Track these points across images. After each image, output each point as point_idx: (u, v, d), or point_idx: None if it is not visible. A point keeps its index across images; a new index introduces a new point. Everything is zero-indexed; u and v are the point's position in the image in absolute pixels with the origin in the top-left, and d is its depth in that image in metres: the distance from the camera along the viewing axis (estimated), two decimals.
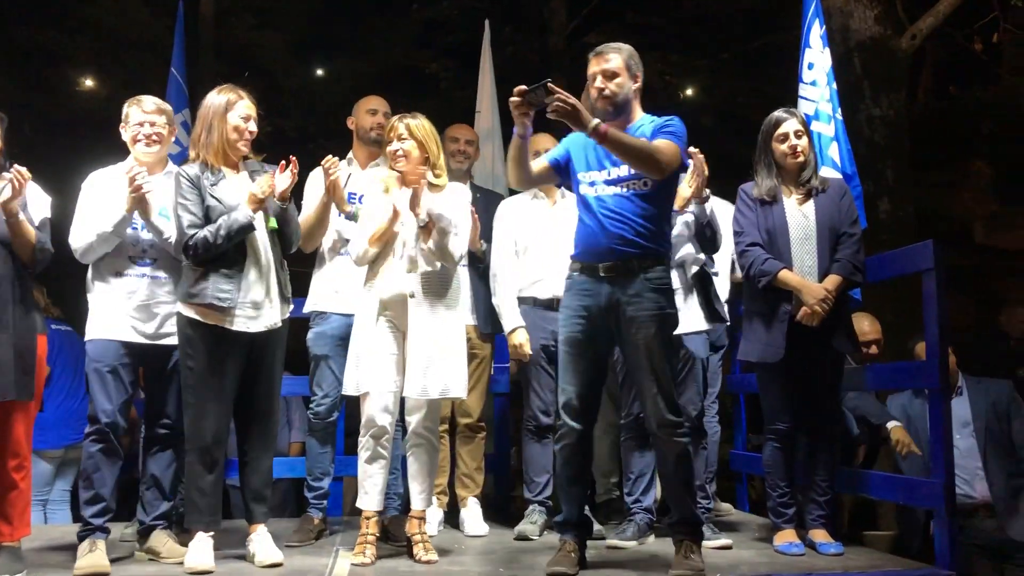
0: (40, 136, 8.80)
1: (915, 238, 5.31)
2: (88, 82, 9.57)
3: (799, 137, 3.61)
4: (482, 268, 4.11)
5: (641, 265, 3.16)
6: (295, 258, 3.70)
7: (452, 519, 4.18)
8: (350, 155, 4.13)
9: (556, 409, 3.31)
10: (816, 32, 4.57)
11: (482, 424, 4.21)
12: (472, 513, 4.06)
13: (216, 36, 9.58)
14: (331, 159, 3.62)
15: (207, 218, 3.29)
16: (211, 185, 3.33)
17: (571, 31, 9.89)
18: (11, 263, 3.24)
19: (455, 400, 3.84)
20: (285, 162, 3.38)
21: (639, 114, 3.29)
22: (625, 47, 3.26)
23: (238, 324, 3.30)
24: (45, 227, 3.35)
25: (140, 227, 3.44)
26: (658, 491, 4.08)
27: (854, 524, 4.72)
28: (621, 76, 3.22)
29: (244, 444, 3.46)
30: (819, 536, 3.55)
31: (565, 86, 3.09)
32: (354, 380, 3.42)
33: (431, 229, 3.34)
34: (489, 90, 5.78)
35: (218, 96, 3.39)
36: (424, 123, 3.49)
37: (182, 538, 3.44)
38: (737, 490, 4.79)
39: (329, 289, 3.92)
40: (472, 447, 4.18)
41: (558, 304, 3.44)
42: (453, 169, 4.26)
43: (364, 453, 3.39)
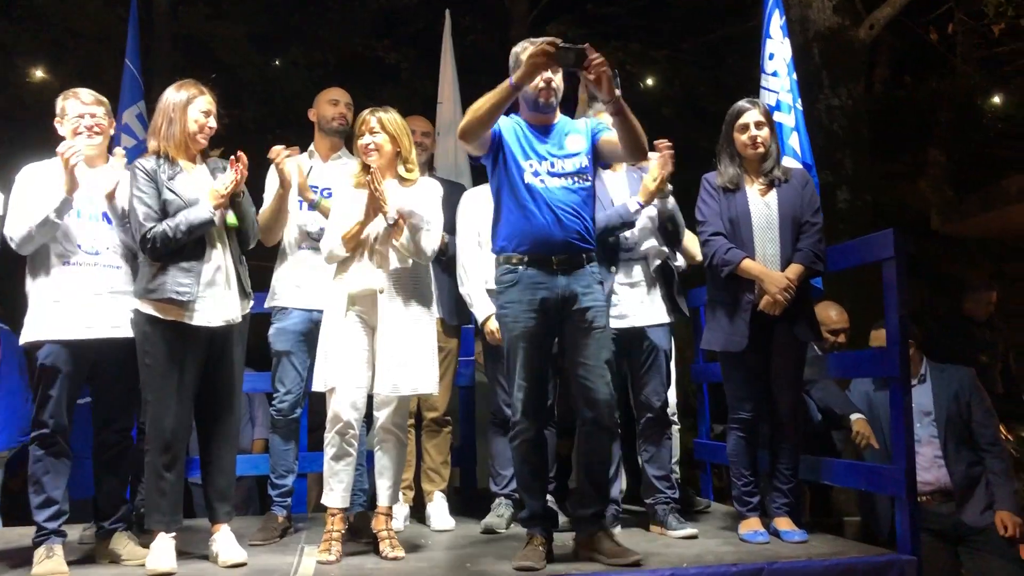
0: None
1: (873, 227, 5.38)
2: (39, 73, 9.35)
3: (760, 128, 3.63)
4: (445, 260, 4.08)
5: (588, 259, 3.24)
6: (255, 252, 3.65)
7: (418, 514, 4.16)
8: (312, 147, 4.08)
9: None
10: (776, 22, 4.59)
11: (448, 418, 4.20)
12: (438, 507, 4.05)
13: (171, 27, 9.42)
14: (276, 149, 3.57)
15: (164, 211, 3.24)
16: (168, 179, 3.28)
17: (532, 20, 9.86)
18: None
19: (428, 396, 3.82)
20: (234, 158, 3.33)
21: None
22: None
23: (197, 319, 3.24)
24: None
25: (90, 216, 3.36)
26: (623, 482, 4.11)
27: (818, 510, 4.78)
28: (559, 75, 3.28)
29: (206, 442, 3.41)
30: (783, 524, 3.58)
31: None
32: (323, 376, 3.38)
33: (401, 227, 3.31)
34: (451, 81, 5.74)
35: (178, 91, 3.37)
36: (396, 117, 3.46)
37: (143, 539, 3.38)
38: (701, 479, 4.82)
39: (291, 284, 3.88)
40: (438, 441, 4.17)
41: None
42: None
43: (330, 450, 3.35)
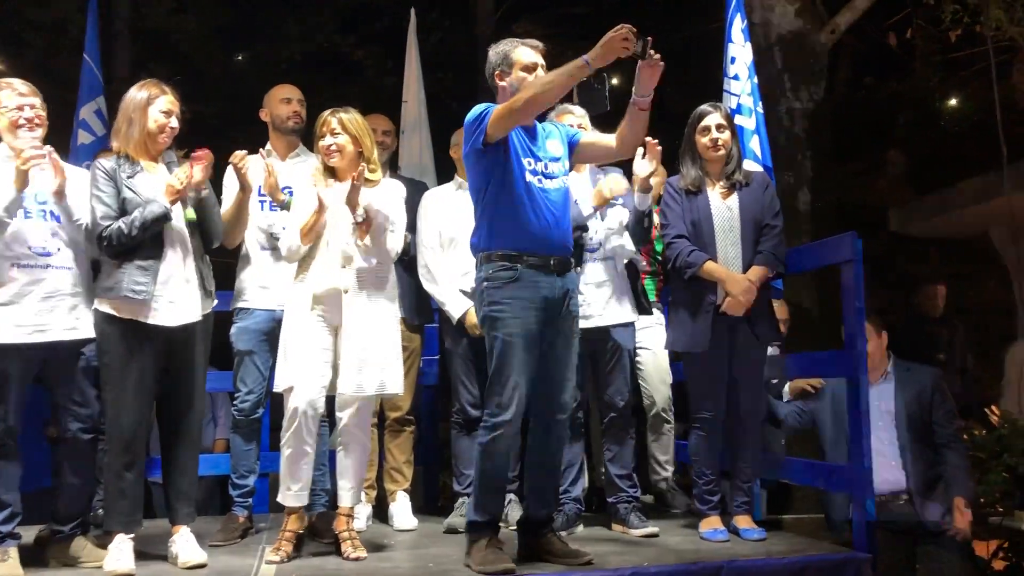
0: None
1: (834, 227, 5.45)
2: None
3: (721, 131, 3.67)
4: (407, 260, 4.07)
5: (574, 262, 3.28)
6: (221, 250, 3.62)
7: (381, 514, 4.15)
8: (268, 147, 4.04)
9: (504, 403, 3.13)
10: (738, 26, 4.64)
11: (411, 417, 4.19)
12: (401, 507, 4.04)
13: (132, 20, 9.28)
14: (239, 154, 3.54)
15: (123, 210, 3.21)
16: (128, 177, 3.25)
17: (498, 19, 9.85)
18: None
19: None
20: (195, 155, 3.30)
21: None
22: None
23: (155, 318, 3.21)
24: None
25: (39, 215, 3.30)
26: (585, 480, 4.14)
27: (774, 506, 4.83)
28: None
29: (167, 441, 3.38)
30: (743, 522, 3.63)
31: None
32: (284, 377, 3.35)
33: (367, 226, 3.29)
34: (415, 79, 5.71)
35: (140, 90, 3.34)
36: (357, 117, 3.44)
37: (102, 540, 3.33)
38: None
39: (256, 286, 3.85)
40: (401, 441, 4.16)
41: None
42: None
43: (287, 449, 3.33)
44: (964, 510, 3.86)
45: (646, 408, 4.37)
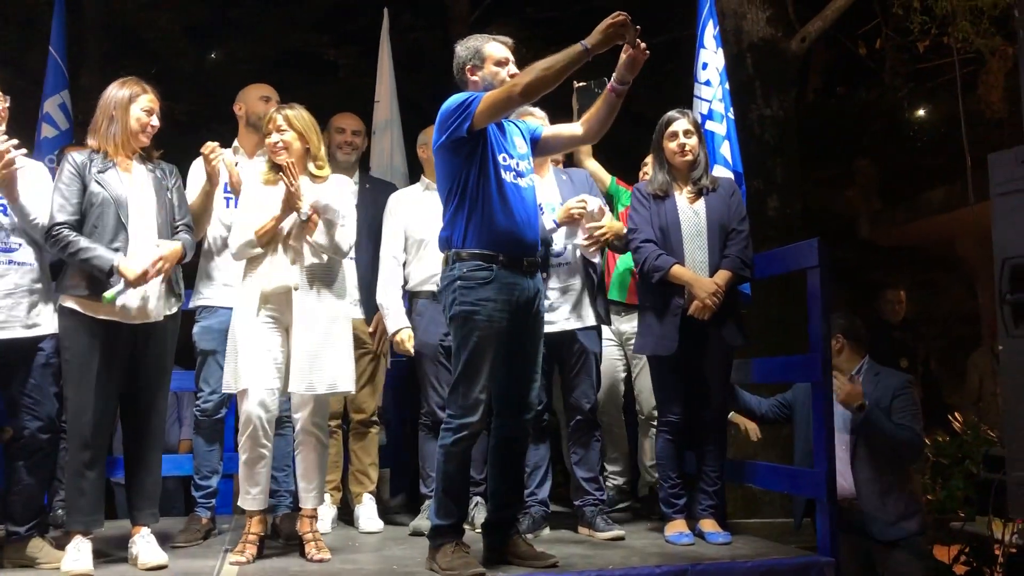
0: None
1: (803, 234, 5.50)
2: None
3: (688, 136, 3.70)
4: (375, 262, 4.05)
5: (542, 264, 3.25)
6: None
7: (346, 516, 4.12)
8: (235, 143, 4.01)
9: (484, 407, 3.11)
10: (710, 32, 4.66)
11: (375, 419, 4.16)
12: (367, 510, 4.02)
13: (103, 15, 9.18)
14: (211, 145, 3.52)
15: (87, 203, 3.17)
16: (99, 171, 3.21)
17: (473, 21, 9.85)
18: None
19: (347, 395, 3.79)
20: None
21: None
22: None
23: (119, 315, 3.17)
24: None
25: (3, 209, 3.25)
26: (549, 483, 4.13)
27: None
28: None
29: (130, 441, 3.35)
30: (708, 526, 3.64)
31: None
32: (233, 377, 3.31)
33: (315, 222, 3.26)
34: (388, 79, 5.69)
35: (121, 88, 3.31)
36: (303, 113, 3.40)
37: (60, 541, 3.29)
38: None
39: (218, 283, 3.81)
40: (366, 443, 4.13)
41: None
42: (340, 161, 4.18)
43: (243, 453, 3.30)
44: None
45: (637, 412, 4.35)
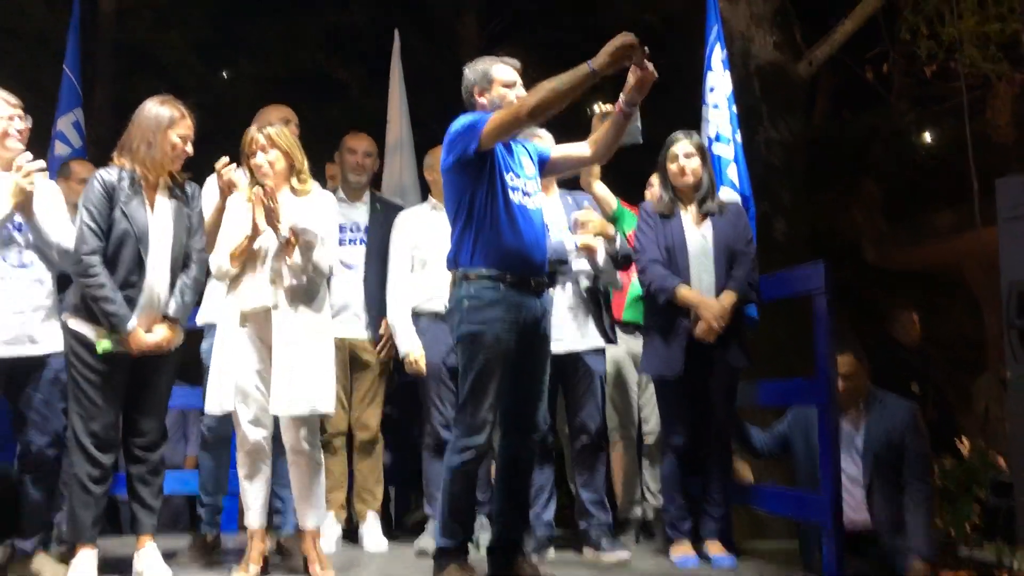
0: None
1: (809, 257, 5.50)
2: None
3: (689, 158, 3.71)
4: (380, 279, 4.07)
5: (549, 283, 3.25)
6: None
7: (352, 535, 4.12)
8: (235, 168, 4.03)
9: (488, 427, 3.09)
10: (718, 56, 4.69)
11: (379, 437, 4.15)
12: (371, 528, 4.01)
13: (115, 33, 9.27)
14: (224, 160, 3.54)
15: (109, 231, 3.17)
16: (125, 199, 3.20)
17: (482, 43, 9.92)
18: None
19: (356, 413, 3.81)
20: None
21: None
22: None
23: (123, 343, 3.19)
24: None
25: (18, 226, 3.28)
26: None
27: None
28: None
29: (131, 453, 3.35)
30: (714, 549, 3.63)
31: None
32: (217, 399, 3.28)
33: (293, 244, 3.23)
34: (399, 100, 5.73)
35: (161, 107, 3.28)
36: (285, 131, 3.39)
37: (64, 556, 3.30)
38: None
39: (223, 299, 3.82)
40: (371, 461, 4.13)
41: None
42: (351, 182, 4.22)
43: (242, 470, 3.31)
44: (919, 569, 3.66)
45: (645, 435, 4.30)
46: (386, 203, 4.44)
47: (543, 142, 3.64)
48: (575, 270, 3.83)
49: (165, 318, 3.28)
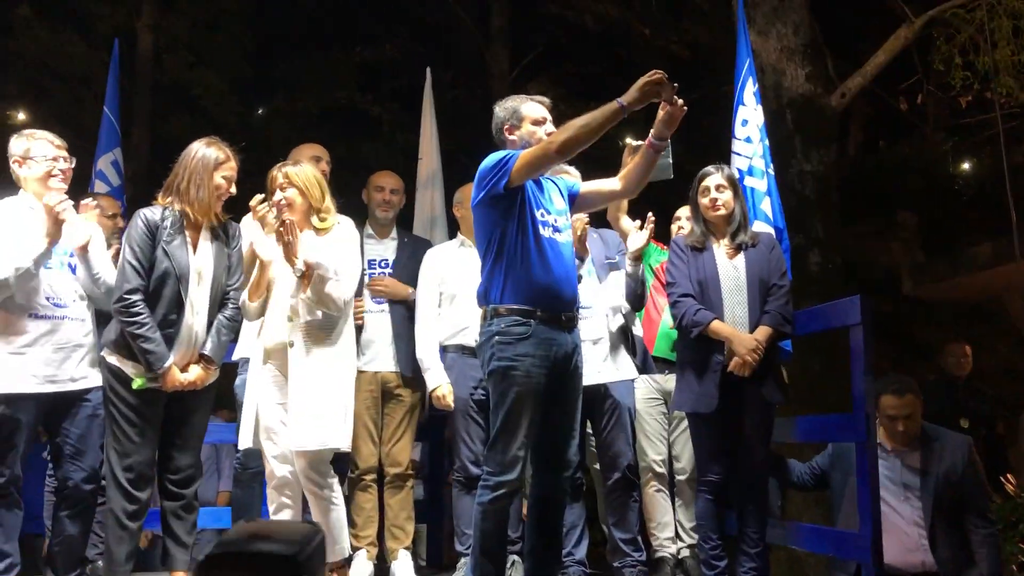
0: None
1: (844, 289, 5.43)
2: (20, 115, 9.36)
3: (720, 191, 3.69)
4: (409, 314, 4.07)
5: (579, 318, 3.23)
6: None
7: (383, 572, 4.08)
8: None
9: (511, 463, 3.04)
10: (750, 89, 4.68)
11: (411, 473, 4.14)
12: (403, 565, 3.97)
13: (154, 73, 9.48)
14: (259, 198, 3.58)
15: (151, 269, 3.21)
16: (168, 238, 3.25)
17: (513, 78, 10.01)
18: None
19: (387, 449, 3.80)
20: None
21: None
22: None
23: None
24: None
25: (59, 266, 3.34)
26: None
27: None
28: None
29: (165, 488, 3.36)
30: None
31: None
32: (248, 433, 3.35)
33: (308, 278, 3.29)
34: (430, 136, 5.78)
35: (207, 149, 3.33)
36: (303, 169, 3.45)
37: None
38: None
39: (256, 335, 3.84)
40: (401, 496, 4.09)
41: None
42: (378, 218, 4.25)
43: (271, 505, 3.36)
44: None
45: (676, 473, 4.18)
46: (413, 239, 4.47)
47: (572, 177, 3.65)
48: (604, 305, 3.81)
49: (201, 357, 3.31)
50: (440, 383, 3.92)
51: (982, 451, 5.48)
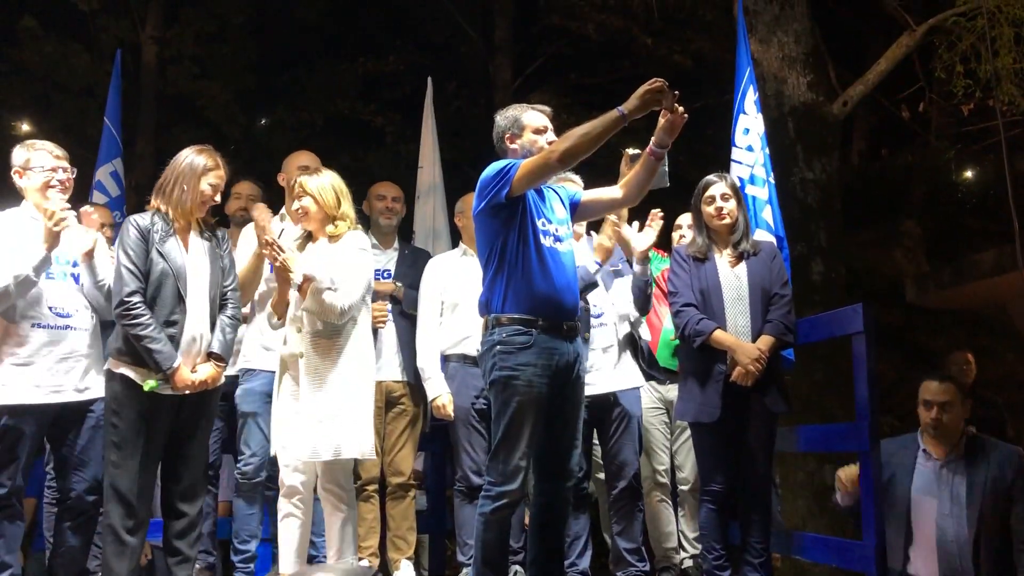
0: None
1: (846, 298, 5.42)
2: (24, 126, 9.40)
3: (725, 200, 3.69)
4: (413, 318, 4.08)
5: (581, 328, 3.23)
6: None
7: None
8: (283, 211, 4.10)
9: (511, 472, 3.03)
10: (750, 98, 4.67)
11: (413, 483, 4.13)
12: None
13: (157, 84, 9.52)
14: (259, 206, 3.60)
15: (148, 272, 3.22)
16: (160, 240, 3.26)
17: (516, 89, 10.02)
18: None
19: (361, 459, 3.82)
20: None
21: None
22: None
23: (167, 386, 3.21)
24: None
25: (61, 276, 3.34)
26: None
27: None
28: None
29: (169, 504, 3.35)
30: None
31: None
32: (275, 441, 3.46)
33: (305, 289, 3.34)
34: (431, 146, 5.79)
35: (197, 156, 3.36)
36: (316, 178, 3.51)
37: None
38: None
39: (258, 346, 3.86)
40: (403, 507, 4.08)
41: None
42: (382, 226, 4.27)
43: (280, 513, 3.41)
44: None
45: (679, 483, 4.19)
46: (414, 250, 4.49)
47: (574, 186, 3.65)
48: (613, 314, 3.80)
49: (210, 355, 3.32)
50: (441, 393, 3.92)
51: None
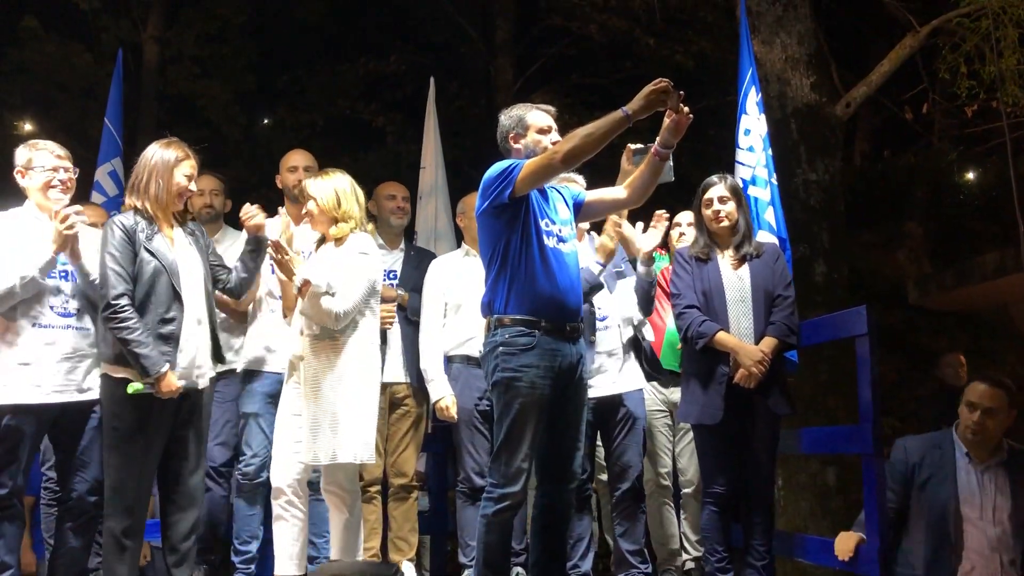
0: None
1: (849, 299, 5.41)
2: (26, 126, 9.41)
3: (724, 203, 3.67)
4: (417, 323, 4.07)
5: (587, 331, 3.22)
6: None
7: None
8: (283, 210, 4.08)
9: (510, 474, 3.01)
10: (752, 99, 4.66)
11: (415, 484, 4.12)
12: None
13: (158, 84, 9.53)
14: (249, 207, 3.57)
15: (137, 271, 3.19)
16: (147, 239, 3.24)
17: (517, 89, 10.02)
18: None
19: (392, 459, 3.80)
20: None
21: None
22: None
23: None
24: None
25: (64, 274, 3.33)
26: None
27: None
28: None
29: (168, 505, 3.33)
30: None
31: None
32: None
33: (304, 293, 3.34)
34: (433, 146, 5.78)
35: (166, 150, 3.34)
36: (320, 180, 3.51)
37: None
38: None
39: (260, 346, 3.85)
40: (405, 508, 4.08)
41: None
42: (393, 225, 4.27)
43: (276, 518, 3.42)
44: None
45: (681, 485, 4.18)
46: (419, 251, 4.48)
47: (578, 186, 3.63)
48: (618, 316, 3.79)
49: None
50: (444, 394, 3.91)
51: None
